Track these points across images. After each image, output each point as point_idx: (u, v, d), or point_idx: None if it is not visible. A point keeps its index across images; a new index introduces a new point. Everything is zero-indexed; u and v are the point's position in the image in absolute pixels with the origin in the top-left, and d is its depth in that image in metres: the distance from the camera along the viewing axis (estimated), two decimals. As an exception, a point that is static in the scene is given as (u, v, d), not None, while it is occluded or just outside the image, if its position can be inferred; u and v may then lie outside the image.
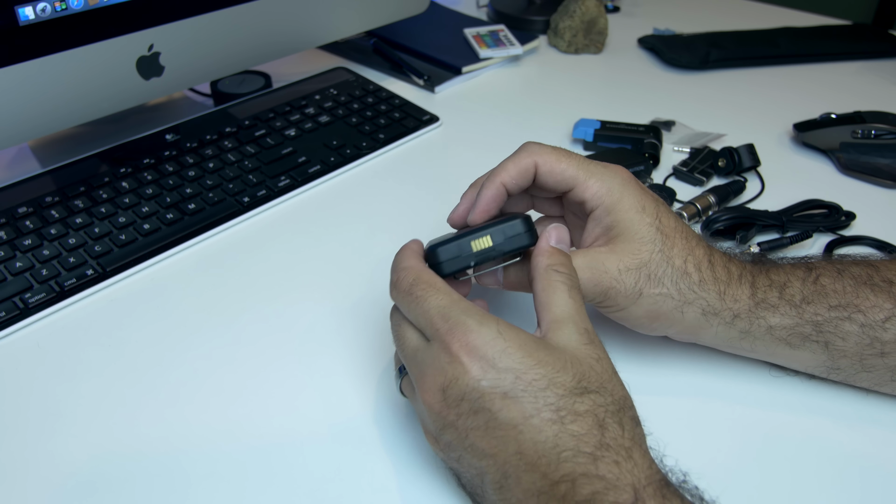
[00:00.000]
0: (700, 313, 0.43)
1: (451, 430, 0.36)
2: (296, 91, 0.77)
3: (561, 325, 0.37)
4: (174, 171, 0.64)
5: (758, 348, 0.45)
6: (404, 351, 0.39)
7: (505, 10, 1.00)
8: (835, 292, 0.43)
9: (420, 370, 0.37)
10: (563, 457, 0.33)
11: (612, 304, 0.43)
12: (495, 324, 0.36)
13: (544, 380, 0.34)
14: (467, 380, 0.34)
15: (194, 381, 0.47)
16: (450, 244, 0.40)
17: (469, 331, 0.35)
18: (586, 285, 0.42)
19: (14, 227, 0.57)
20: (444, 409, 0.35)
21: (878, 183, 0.67)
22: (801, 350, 0.44)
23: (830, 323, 0.43)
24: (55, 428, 0.44)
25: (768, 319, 0.43)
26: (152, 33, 0.63)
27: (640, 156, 0.67)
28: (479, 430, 0.35)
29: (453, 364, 0.35)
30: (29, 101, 0.58)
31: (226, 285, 0.55)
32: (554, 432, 0.33)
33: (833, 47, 0.91)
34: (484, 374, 0.34)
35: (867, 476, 0.42)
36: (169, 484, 0.41)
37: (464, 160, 0.70)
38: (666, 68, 0.89)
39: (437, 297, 0.37)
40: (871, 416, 0.45)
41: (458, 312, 0.36)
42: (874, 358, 0.43)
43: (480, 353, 0.35)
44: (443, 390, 0.35)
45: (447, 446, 0.37)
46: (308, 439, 0.43)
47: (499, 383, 0.34)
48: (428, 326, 0.37)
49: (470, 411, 0.35)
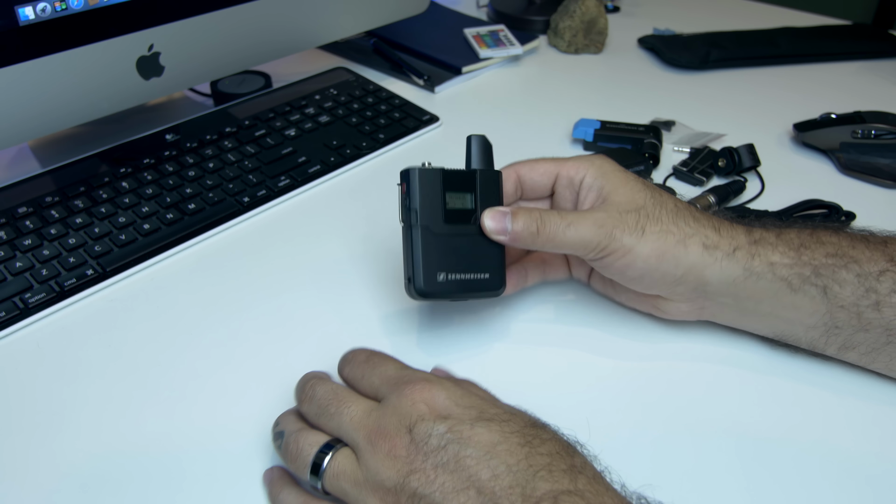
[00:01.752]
0: (702, 247, 0.44)
1: (417, 476, 0.34)
2: (296, 91, 0.77)
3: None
4: (174, 171, 0.64)
5: (761, 294, 0.44)
6: (352, 417, 0.38)
7: (505, 10, 1.00)
8: (831, 243, 0.44)
9: (377, 427, 0.36)
10: (539, 475, 0.33)
11: (619, 247, 0.44)
12: (450, 381, 0.39)
13: (505, 414, 0.36)
14: (433, 416, 0.36)
15: (194, 381, 0.47)
16: (439, 287, 0.45)
17: (429, 382, 0.37)
18: (591, 236, 0.44)
19: (14, 227, 0.57)
20: (410, 453, 0.35)
21: (878, 183, 0.67)
22: (802, 295, 0.43)
23: (828, 268, 0.43)
24: (55, 428, 0.44)
25: (769, 256, 0.44)
26: (152, 33, 0.63)
27: (640, 156, 0.67)
28: (448, 467, 0.34)
29: (416, 405, 0.36)
30: (29, 101, 0.58)
31: (225, 285, 0.55)
32: (525, 453, 0.34)
33: (833, 47, 0.91)
34: (449, 410, 0.36)
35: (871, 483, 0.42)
36: (169, 483, 0.41)
37: (464, 160, 0.70)
38: (666, 68, 0.89)
39: (394, 364, 0.41)
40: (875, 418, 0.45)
41: (414, 372, 0.39)
42: (871, 311, 0.43)
43: (442, 397, 0.37)
44: (409, 432, 0.35)
45: (412, 496, 0.34)
46: (308, 439, 0.43)
47: (465, 415, 0.36)
48: (385, 385, 0.39)
49: (438, 448, 0.35)
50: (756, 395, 0.46)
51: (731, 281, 0.44)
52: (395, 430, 0.36)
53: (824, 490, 0.41)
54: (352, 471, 0.37)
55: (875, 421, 0.45)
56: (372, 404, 0.38)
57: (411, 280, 0.45)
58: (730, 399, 0.46)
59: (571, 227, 0.44)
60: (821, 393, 0.46)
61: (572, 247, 0.44)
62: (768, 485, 0.41)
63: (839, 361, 0.47)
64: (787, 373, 0.47)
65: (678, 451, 0.42)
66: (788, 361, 0.48)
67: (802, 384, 0.47)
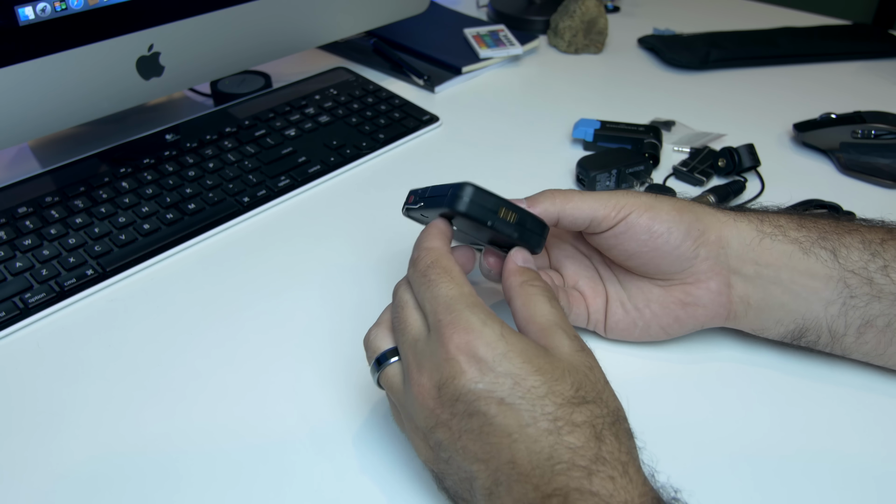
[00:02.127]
0: (712, 209, 0.46)
1: (443, 430, 0.35)
2: (296, 91, 0.77)
3: (550, 334, 0.36)
4: (174, 171, 0.64)
5: (777, 258, 0.44)
6: (404, 335, 0.38)
7: (505, 10, 1.00)
8: (828, 218, 0.46)
9: (417, 361, 0.36)
10: (556, 469, 0.32)
11: (640, 203, 0.44)
12: (499, 326, 0.35)
13: (543, 387, 0.33)
14: (464, 381, 0.34)
15: (194, 381, 0.47)
16: (485, 192, 0.40)
17: (471, 329, 0.34)
18: (609, 197, 0.44)
19: (14, 227, 0.57)
20: (437, 406, 0.34)
21: (878, 183, 0.67)
22: (814, 259, 0.44)
23: (832, 233, 0.44)
24: (55, 428, 0.44)
25: (776, 220, 0.45)
26: (152, 33, 0.63)
27: (640, 156, 0.67)
28: (472, 434, 0.34)
29: (450, 362, 0.34)
30: (29, 101, 0.58)
31: (225, 285, 0.55)
32: (550, 443, 0.32)
33: (833, 47, 0.91)
34: (482, 376, 0.34)
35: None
36: (168, 483, 0.41)
37: (464, 160, 0.70)
38: (666, 68, 0.89)
39: (448, 286, 0.37)
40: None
41: (464, 307, 0.35)
42: (880, 275, 0.43)
43: (479, 355, 0.34)
44: (438, 388, 0.34)
45: (437, 445, 0.35)
46: (308, 439, 0.43)
47: (496, 388, 0.33)
48: (432, 314, 0.36)
49: (464, 413, 0.34)
50: (767, 396, 0.46)
51: (748, 242, 0.44)
52: (427, 379, 0.35)
53: (832, 491, 0.41)
54: (397, 389, 0.38)
55: (877, 420, 0.45)
56: (422, 330, 0.37)
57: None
58: (742, 399, 0.46)
59: (587, 194, 0.45)
60: (835, 391, 0.46)
61: (592, 207, 0.44)
62: (776, 487, 0.41)
63: (853, 362, 0.47)
64: (802, 373, 0.48)
65: (686, 452, 0.43)
66: (804, 362, 0.48)
67: (817, 382, 0.47)
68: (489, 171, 0.68)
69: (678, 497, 0.35)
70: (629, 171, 0.65)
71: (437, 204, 0.42)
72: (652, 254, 0.44)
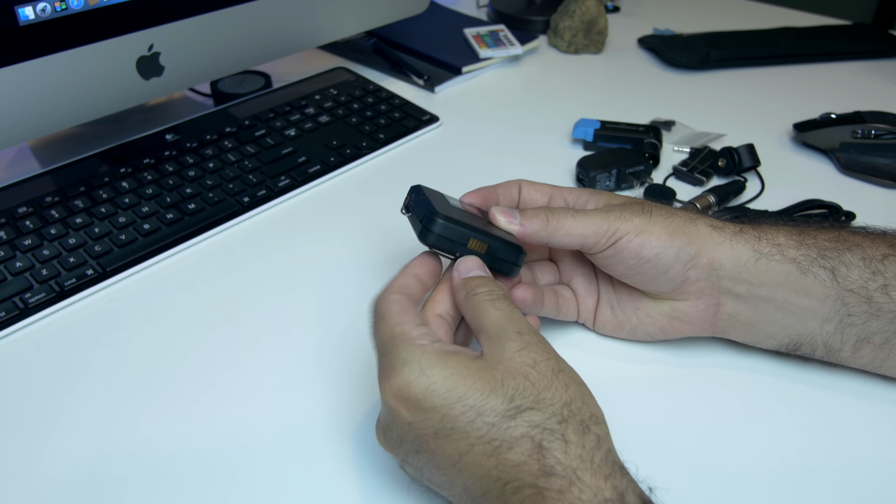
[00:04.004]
0: (709, 227, 0.45)
1: (407, 467, 0.37)
2: (296, 91, 0.77)
3: (495, 340, 0.36)
4: (174, 171, 0.64)
5: (773, 278, 0.43)
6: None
7: (505, 10, 1.00)
8: (830, 231, 0.46)
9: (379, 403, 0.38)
10: (508, 489, 0.32)
11: (631, 227, 0.44)
12: (418, 360, 0.35)
13: (471, 412, 0.33)
14: (400, 423, 0.35)
15: (194, 381, 0.47)
16: (456, 225, 0.41)
17: (393, 371, 0.35)
18: (601, 221, 0.44)
19: (14, 227, 0.57)
20: (391, 448, 0.37)
21: (878, 183, 0.67)
22: (812, 278, 0.43)
23: (832, 251, 0.44)
24: (55, 428, 0.44)
25: (774, 238, 0.44)
26: (152, 33, 0.63)
27: (640, 156, 0.67)
28: (428, 467, 0.35)
29: (385, 408, 0.36)
30: (29, 101, 0.58)
31: (225, 285, 0.55)
32: (492, 465, 0.33)
33: (833, 47, 0.91)
34: (412, 416, 0.34)
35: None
36: (168, 484, 0.41)
37: (464, 160, 0.70)
38: (666, 68, 0.89)
39: (379, 331, 0.38)
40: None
41: (388, 349, 0.36)
42: (880, 294, 0.43)
43: (405, 395, 0.34)
44: (384, 432, 0.37)
45: (413, 477, 0.38)
46: (308, 439, 0.43)
47: (428, 423, 0.34)
48: (377, 356, 0.38)
49: (412, 451, 0.36)
50: (762, 400, 0.46)
51: (742, 263, 0.44)
52: (377, 425, 0.38)
53: (829, 498, 0.41)
54: None
55: (874, 426, 0.45)
56: None
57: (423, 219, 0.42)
58: (736, 404, 0.46)
59: (579, 215, 0.44)
60: (832, 396, 0.46)
61: (583, 233, 0.44)
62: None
63: (849, 368, 0.47)
64: (798, 378, 0.47)
65: (683, 458, 0.43)
66: (799, 368, 0.48)
67: (814, 388, 0.47)
68: (489, 171, 0.68)
69: (653, 493, 0.33)
70: (629, 171, 0.65)
71: (414, 225, 0.43)
72: (640, 276, 0.45)
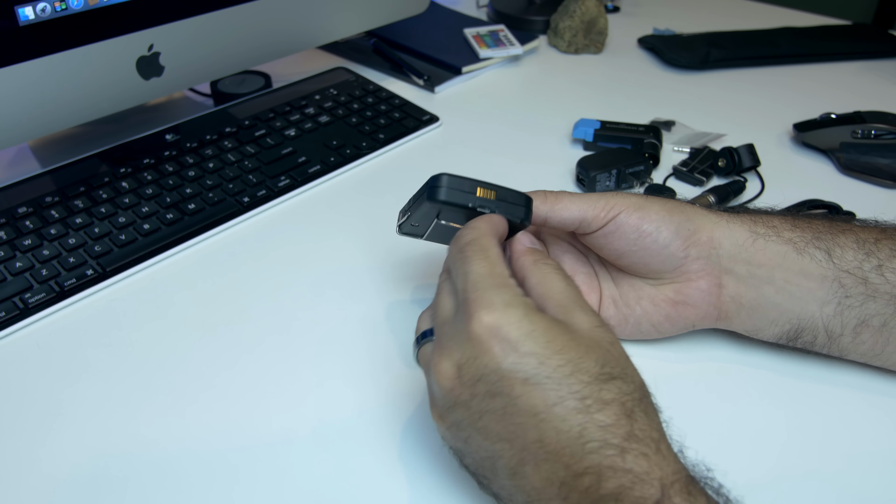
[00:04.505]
0: (705, 209, 0.46)
1: (461, 410, 0.34)
2: (296, 91, 0.77)
3: (570, 310, 0.36)
4: (174, 171, 0.64)
5: (771, 259, 0.44)
6: (438, 316, 0.38)
7: (505, 10, 1.00)
8: (821, 218, 0.46)
9: (440, 342, 0.36)
10: (588, 448, 0.32)
11: (630, 203, 0.44)
12: (523, 306, 0.34)
13: (568, 366, 0.33)
14: (486, 360, 0.33)
15: (194, 381, 0.47)
16: (459, 177, 0.41)
17: (494, 308, 0.34)
18: (599, 199, 0.44)
19: (14, 227, 0.57)
20: (457, 386, 0.34)
21: (878, 183, 0.67)
22: (809, 259, 0.44)
23: (826, 233, 0.45)
24: (55, 428, 0.44)
25: (769, 220, 0.45)
26: (152, 33, 0.63)
27: (640, 156, 0.67)
28: (494, 414, 0.33)
29: (472, 342, 0.34)
30: (29, 101, 0.58)
31: (226, 285, 0.55)
32: (579, 422, 0.32)
33: (833, 47, 0.91)
34: (505, 356, 0.33)
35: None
36: (168, 484, 0.41)
37: (464, 160, 0.70)
38: (666, 68, 0.89)
39: (480, 264, 0.36)
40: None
41: (490, 286, 0.35)
42: (875, 274, 0.43)
43: (503, 334, 0.33)
44: (458, 367, 0.34)
45: (454, 425, 0.35)
46: (308, 440, 0.43)
47: (520, 367, 0.33)
48: (461, 291, 0.36)
49: (486, 394, 0.33)
50: (764, 396, 0.46)
51: (740, 243, 0.45)
52: (447, 359, 0.35)
53: (831, 493, 0.41)
54: (425, 367, 0.38)
55: (875, 420, 0.45)
56: (451, 311, 0.37)
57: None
58: (738, 399, 0.46)
59: (577, 195, 0.45)
60: (833, 391, 0.46)
61: (581, 209, 0.44)
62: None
63: (849, 362, 0.47)
64: (799, 374, 0.48)
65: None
66: (801, 363, 0.48)
67: (815, 383, 0.47)
68: (489, 171, 0.68)
69: (712, 476, 0.34)
70: (629, 171, 0.65)
71: (419, 203, 0.42)
72: (641, 253, 0.45)
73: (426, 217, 0.44)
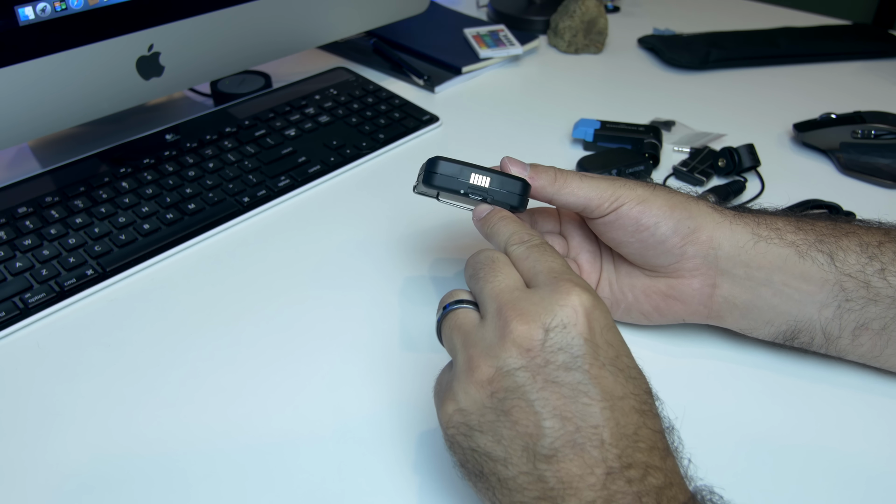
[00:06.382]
0: (710, 206, 0.46)
1: (524, 374, 0.33)
2: (296, 91, 0.77)
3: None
4: (174, 171, 0.64)
5: (771, 262, 0.44)
6: (497, 283, 0.37)
7: (505, 10, 1.00)
8: (826, 220, 0.46)
9: (517, 307, 0.35)
10: (639, 446, 0.33)
11: (634, 195, 0.45)
12: (603, 305, 0.36)
13: (635, 370, 0.35)
14: (576, 333, 0.34)
15: (194, 382, 0.47)
16: (453, 163, 0.43)
17: (586, 290, 0.35)
18: (606, 186, 0.45)
19: (14, 227, 0.57)
20: (536, 348, 0.33)
21: (878, 183, 0.67)
22: (810, 262, 0.44)
23: (829, 236, 0.45)
24: (55, 428, 0.44)
25: (773, 223, 0.45)
26: (152, 33, 0.63)
27: (640, 156, 0.67)
28: (563, 388, 0.33)
29: (567, 309, 0.34)
30: (29, 101, 0.58)
31: (226, 285, 0.55)
32: (635, 421, 0.33)
33: (833, 47, 0.91)
34: (590, 335, 0.34)
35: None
36: (168, 484, 0.41)
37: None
38: (666, 68, 0.89)
39: (558, 259, 0.38)
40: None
41: (571, 275, 0.36)
42: (877, 279, 0.43)
43: (596, 316, 0.34)
44: (545, 329, 0.33)
45: (505, 389, 0.33)
46: (308, 440, 0.43)
47: (602, 352, 0.34)
48: (544, 274, 0.36)
49: (562, 365, 0.33)
50: (759, 395, 0.46)
51: (741, 246, 0.45)
52: (533, 319, 0.34)
53: (826, 492, 0.41)
54: (468, 329, 0.36)
55: (873, 420, 0.45)
56: (521, 283, 0.37)
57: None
58: (733, 398, 0.46)
59: (586, 178, 0.45)
60: (830, 391, 0.46)
61: (587, 195, 0.45)
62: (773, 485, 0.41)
63: (847, 362, 0.47)
64: (796, 373, 0.48)
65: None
66: (797, 361, 0.48)
67: (812, 383, 0.47)
68: (489, 171, 0.68)
69: (721, 496, 0.35)
70: (629, 171, 0.65)
71: (420, 179, 0.45)
72: (638, 245, 0.46)
73: (429, 192, 0.46)
